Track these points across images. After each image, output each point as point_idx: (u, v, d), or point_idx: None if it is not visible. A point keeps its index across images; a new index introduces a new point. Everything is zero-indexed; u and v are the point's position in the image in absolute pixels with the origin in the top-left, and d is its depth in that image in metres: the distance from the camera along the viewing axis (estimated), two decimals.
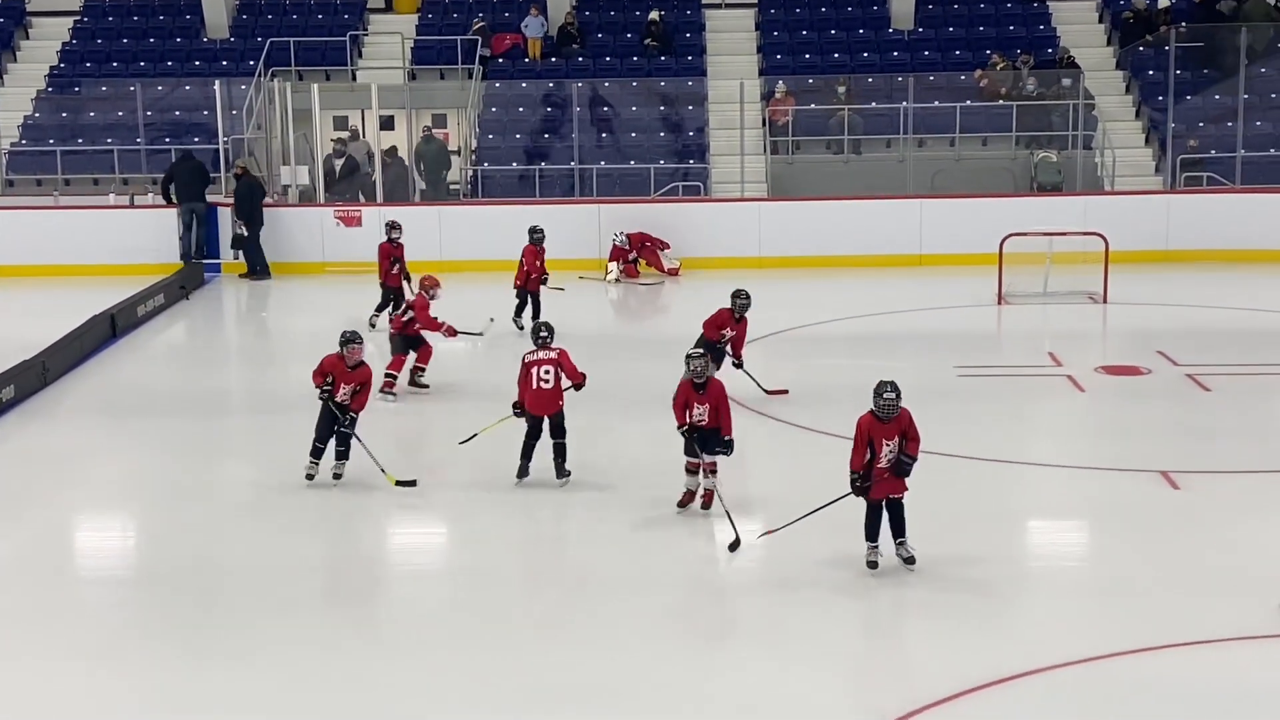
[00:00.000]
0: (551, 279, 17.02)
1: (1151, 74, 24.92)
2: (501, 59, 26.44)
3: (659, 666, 8.22)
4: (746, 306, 13.23)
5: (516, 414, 11.20)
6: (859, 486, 9.11)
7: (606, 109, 25.26)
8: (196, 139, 23.05)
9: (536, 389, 10.98)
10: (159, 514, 11.16)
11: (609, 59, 26.59)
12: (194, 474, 12.18)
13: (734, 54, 26.81)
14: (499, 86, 25.83)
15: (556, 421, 11.11)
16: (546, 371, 10.97)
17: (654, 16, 26.70)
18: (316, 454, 11.13)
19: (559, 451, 11.12)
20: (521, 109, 25.60)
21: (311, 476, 11.11)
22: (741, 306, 13.19)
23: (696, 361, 10.09)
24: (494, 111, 25.48)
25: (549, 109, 25.49)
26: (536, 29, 26.61)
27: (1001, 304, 18.57)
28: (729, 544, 9.72)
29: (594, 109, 25.08)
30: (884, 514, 9.19)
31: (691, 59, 26.48)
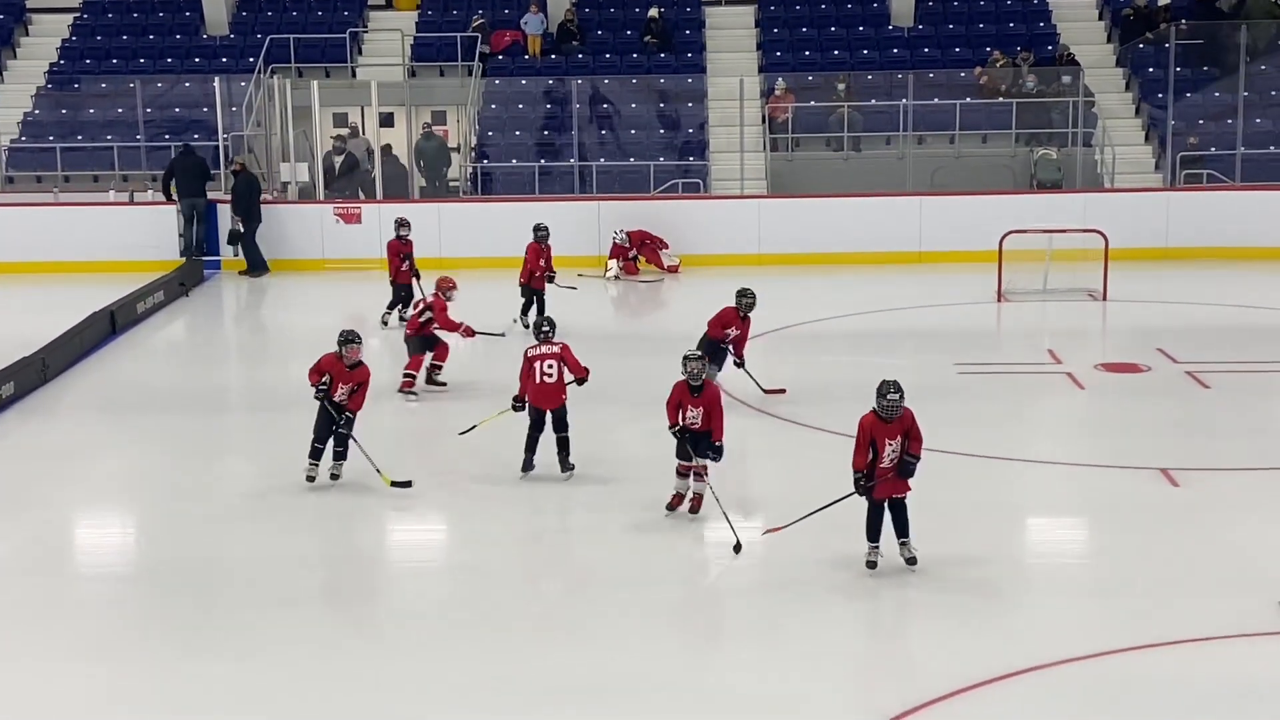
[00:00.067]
0: (563, 278, 16.99)
1: (1151, 71, 24.90)
2: (501, 56, 26.43)
3: (659, 665, 8.21)
4: (752, 305, 13.12)
5: (516, 408, 11.28)
6: (863, 486, 9.07)
7: (606, 106, 25.24)
8: (196, 136, 23.02)
9: (540, 383, 11.06)
10: (158, 511, 11.17)
11: (609, 56, 26.58)
12: (194, 471, 12.19)
13: (734, 51, 26.79)
14: (499, 83, 25.81)
15: (559, 416, 11.19)
16: (549, 366, 11.07)
17: (654, 13, 26.68)
18: (316, 455, 11.05)
19: (562, 445, 11.22)
20: (521, 106, 25.59)
21: (312, 478, 11.04)
22: (747, 305, 13.08)
23: (694, 364, 10.02)
24: (494, 109, 25.46)
25: (549, 106, 25.49)
26: (536, 26, 26.60)
27: (1001, 301, 18.57)
28: (733, 546, 9.67)
29: (594, 106, 25.07)
30: (885, 514, 9.17)
31: (691, 56, 26.47)
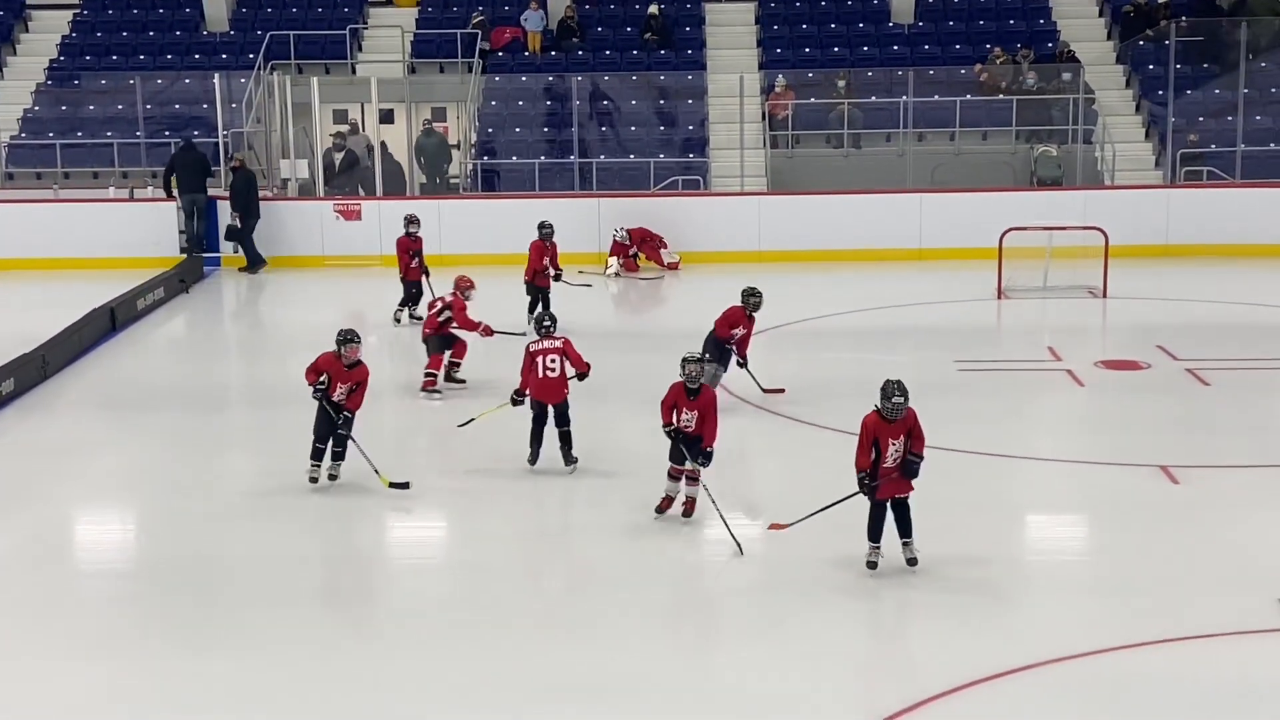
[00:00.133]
0: (576, 275, 16.92)
1: (1152, 68, 24.88)
2: (501, 53, 26.42)
3: (659, 664, 8.21)
4: (759, 305, 12.99)
5: (515, 402, 11.38)
6: (868, 487, 9.01)
7: (606, 103, 25.24)
8: (196, 133, 23.00)
9: (542, 377, 11.14)
10: (158, 508, 11.17)
11: (608, 53, 26.57)
12: (193, 468, 12.18)
13: (734, 48, 26.78)
14: (499, 80, 25.80)
15: (561, 410, 11.27)
16: (552, 360, 11.15)
17: (653, 10, 26.67)
18: (317, 455, 10.94)
19: (565, 439, 11.30)
20: (521, 103, 25.59)
21: (315, 480, 10.95)
22: (755, 305, 12.95)
23: (693, 366, 9.89)
24: (494, 105, 25.45)
25: (549, 103, 25.48)
26: (536, 23, 26.59)
27: (1001, 298, 18.56)
28: (733, 549, 9.58)
29: (594, 103, 25.07)
30: (888, 514, 9.12)
31: (691, 53, 26.46)
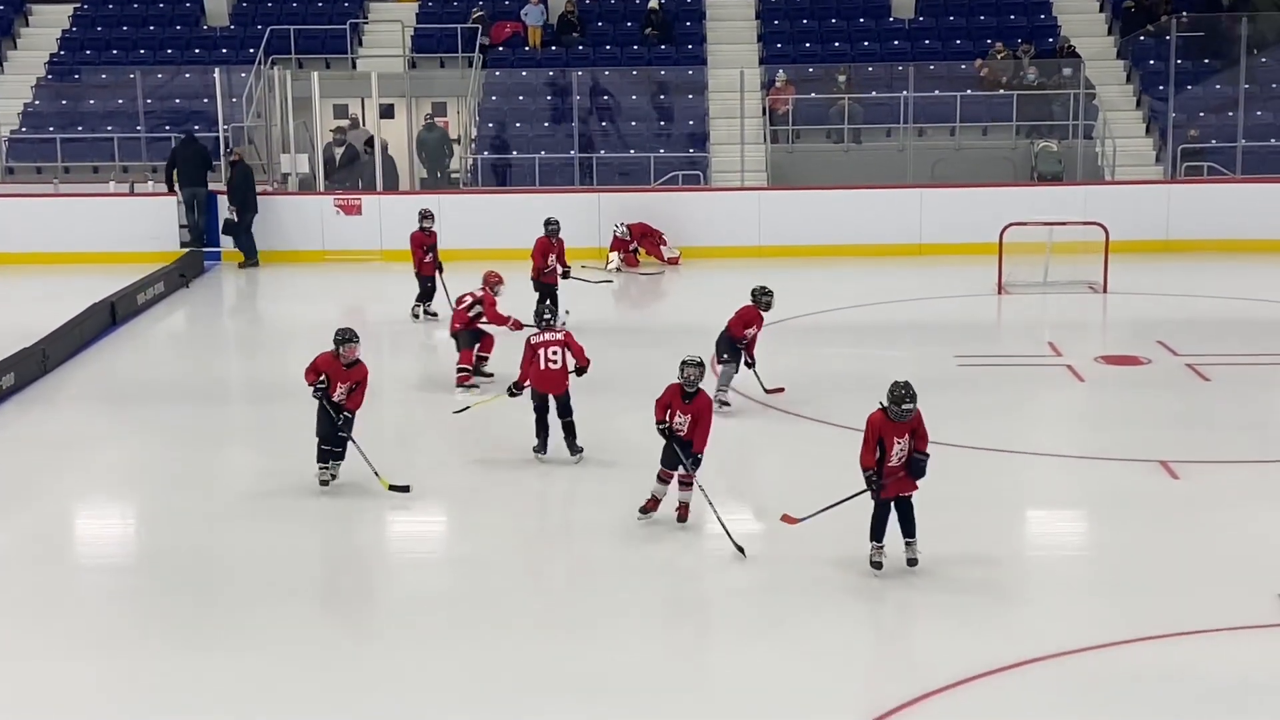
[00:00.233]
0: (592, 273, 16.86)
1: (1152, 63, 24.87)
2: (501, 47, 26.42)
3: (659, 662, 8.22)
4: (771, 304, 12.88)
5: (512, 394, 11.50)
6: (875, 485, 8.94)
7: (606, 98, 25.23)
8: (197, 127, 23.00)
9: (544, 369, 11.22)
10: (158, 503, 11.17)
11: (609, 47, 26.55)
12: (193, 463, 12.18)
13: (734, 42, 26.77)
14: (499, 75, 25.80)
15: (563, 401, 11.35)
16: (554, 352, 11.24)
17: (654, 5, 26.67)
18: (324, 457, 10.82)
19: (568, 430, 11.40)
20: (521, 98, 25.58)
21: (325, 482, 10.82)
22: (767, 304, 12.83)
23: (691, 370, 9.76)
24: (494, 100, 25.45)
25: (549, 98, 25.46)
26: (536, 17, 26.59)
27: (1001, 294, 18.56)
28: (733, 552, 9.51)
29: (594, 98, 25.06)
30: (891, 513, 9.07)
31: (691, 47, 26.45)
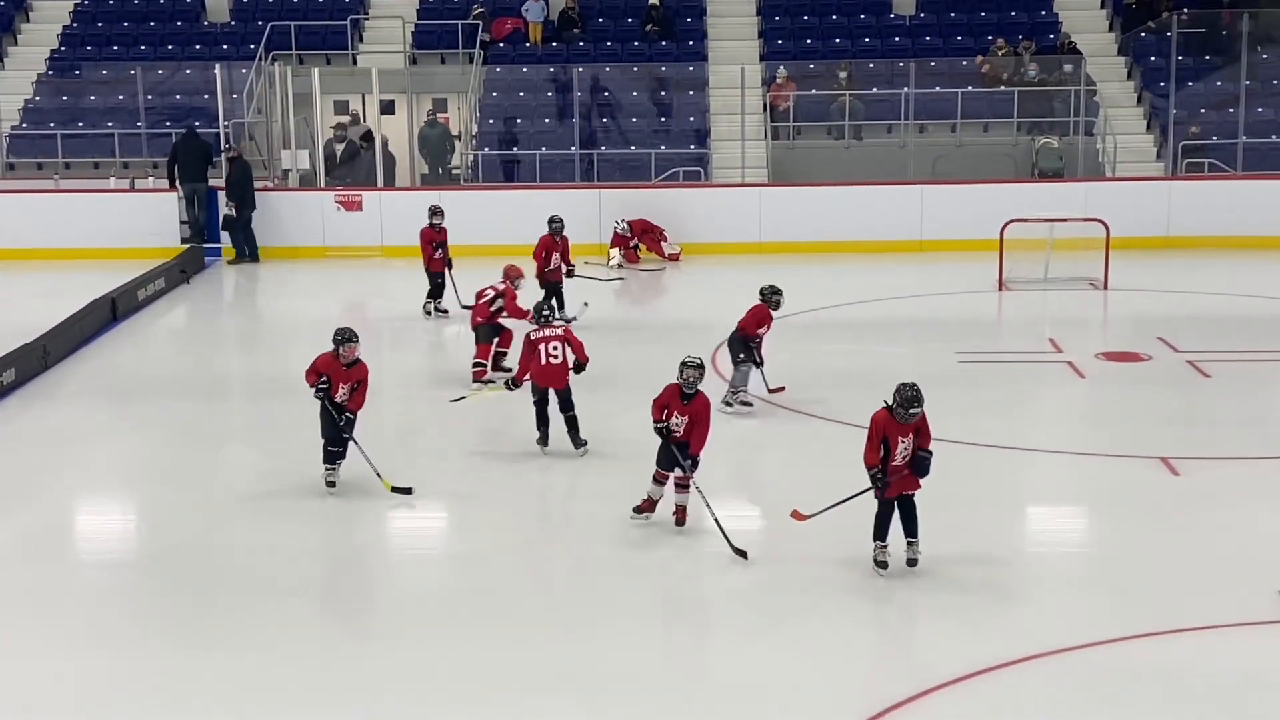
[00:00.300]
0: (604, 271, 16.85)
1: (1153, 60, 24.86)
2: (502, 43, 26.42)
3: (660, 660, 8.24)
4: (781, 302, 12.86)
5: (509, 387, 11.66)
6: (881, 483, 8.89)
7: (607, 94, 25.23)
8: (198, 123, 22.99)
9: (546, 364, 11.30)
10: (158, 499, 11.17)
11: (610, 44, 26.54)
12: (194, 459, 12.18)
13: (735, 39, 26.75)
14: (499, 71, 25.80)
15: (564, 396, 11.41)
16: (555, 347, 11.33)
17: (654, 1, 26.65)
18: (330, 458, 10.75)
19: (571, 424, 11.47)
20: (522, 94, 25.58)
21: (332, 484, 10.74)
22: (777, 303, 12.81)
23: (690, 371, 9.69)
24: (494, 96, 25.44)
25: (550, 94, 25.46)
26: (537, 13, 26.58)
27: (1002, 290, 18.56)
28: (741, 554, 9.43)
29: (595, 94, 25.05)
30: (894, 512, 9.03)
31: (692, 44, 26.44)
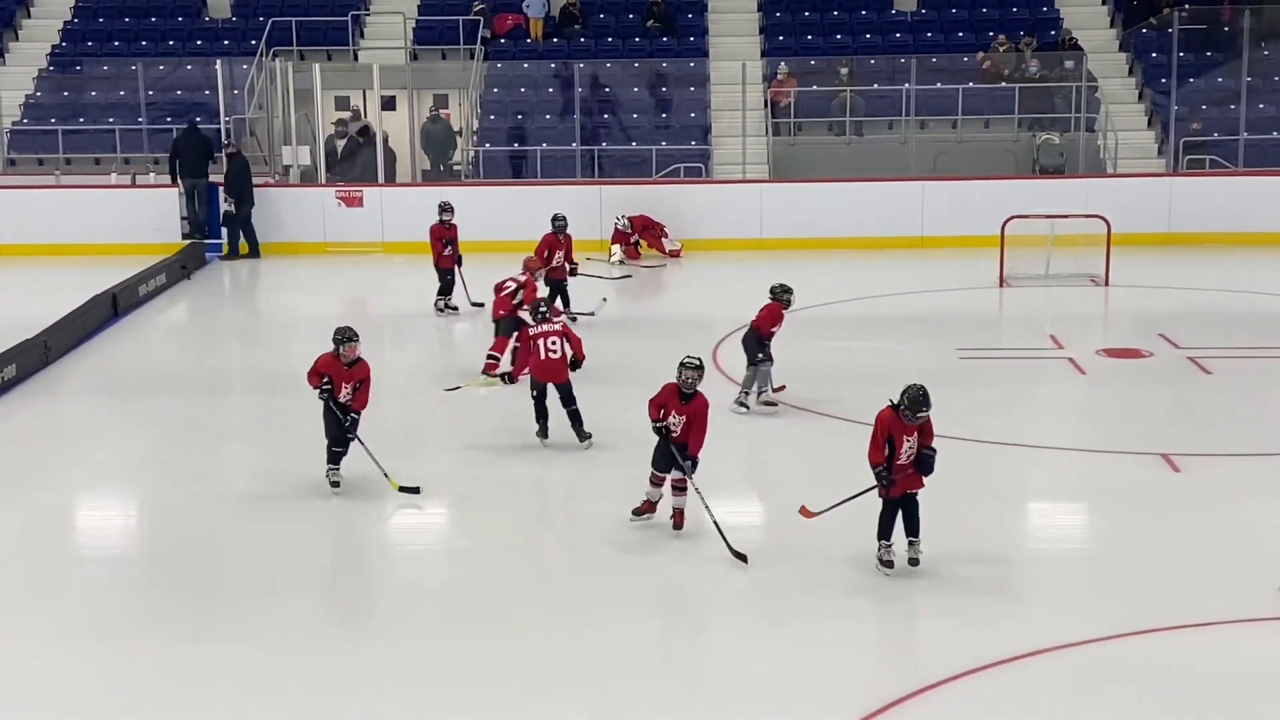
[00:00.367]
0: (612, 268, 16.85)
1: (1154, 56, 24.85)
2: (503, 39, 26.41)
3: (661, 658, 8.26)
4: (792, 301, 12.80)
5: (505, 381, 11.84)
6: (887, 481, 8.87)
7: (608, 90, 25.22)
8: (199, 119, 22.99)
9: (545, 359, 11.36)
10: (159, 495, 11.18)
11: (611, 40, 26.54)
12: (195, 454, 12.19)
13: (736, 35, 26.75)
14: (500, 67, 25.79)
15: (565, 391, 11.45)
16: (553, 342, 11.39)
17: None
18: (334, 459, 10.71)
19: (574, 418, 11.51)
20: (523, 90, 25.58)
21: (336, 484, 10.69)
22: (788, 301, 12.75)
23: (690, 373, 9.61)
24: (495, 92, 25.43)
25: (551, 90, 25.45)
26: (538, 9, 26.57)
27: (1003, 286, 18.55)
28: (732, 558, 9.36)
29: (595, 90, 25.05)
30: (899, 512, 9.01)
31: (693, 40, 26.44)
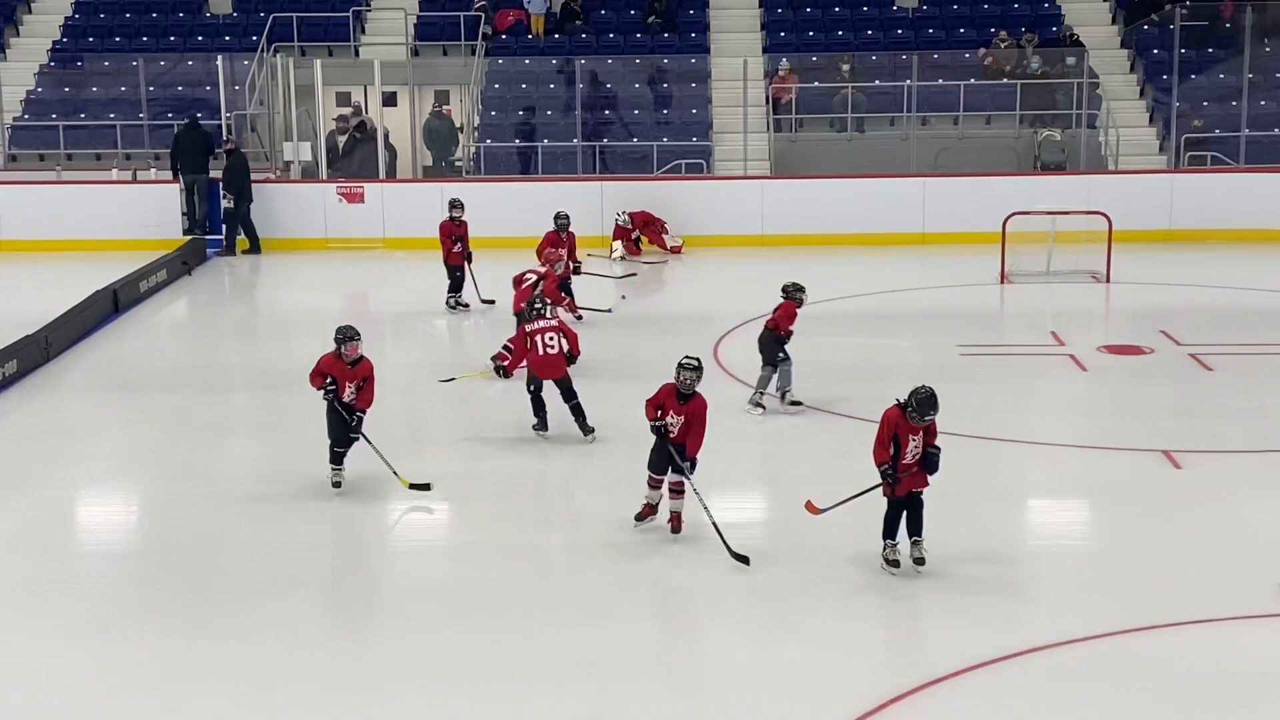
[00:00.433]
0: (617, 266, 16.83)
1: (1156, 53, 24.83)
2: (504, 35, 26.40)
3: (662, 655, 8.26)
4: (805, 300, 12.69)
5: (500, 374, 12.03)
6: (893, 479, 8.84)
7: (609, 86, 25.21)
8: (200, 115, 22.99)
9: (543, 355, 11.41)
10: (160, 491, 11.18)
11: (612, 36, 26.53)
12: (196, 450, 12.18)
13: (737, 31, 26.74)
14: (502, 63, 25.77)
15: (565, 385, 11.49)
16: (551, 338, 11.46)
17: None
18: (338, 460, 10.67)
19: (577, 412, 11.56)
20: (524, 86, 25.57)
21: (338, 485, 10.67)
22: (801, 299, 12.65)
23: (688, 373, 9.53)
24: (497, 88, 25.43)
25: (552, 86, 25.44)
26: (539, 6, 26.55)
27: (1004, 283, 18.54)
28: (732, 559, 9.29)
29: (597, 86, 25.04)
30: (904, 511, 8.98)
31: (695, 36, 26.42)
